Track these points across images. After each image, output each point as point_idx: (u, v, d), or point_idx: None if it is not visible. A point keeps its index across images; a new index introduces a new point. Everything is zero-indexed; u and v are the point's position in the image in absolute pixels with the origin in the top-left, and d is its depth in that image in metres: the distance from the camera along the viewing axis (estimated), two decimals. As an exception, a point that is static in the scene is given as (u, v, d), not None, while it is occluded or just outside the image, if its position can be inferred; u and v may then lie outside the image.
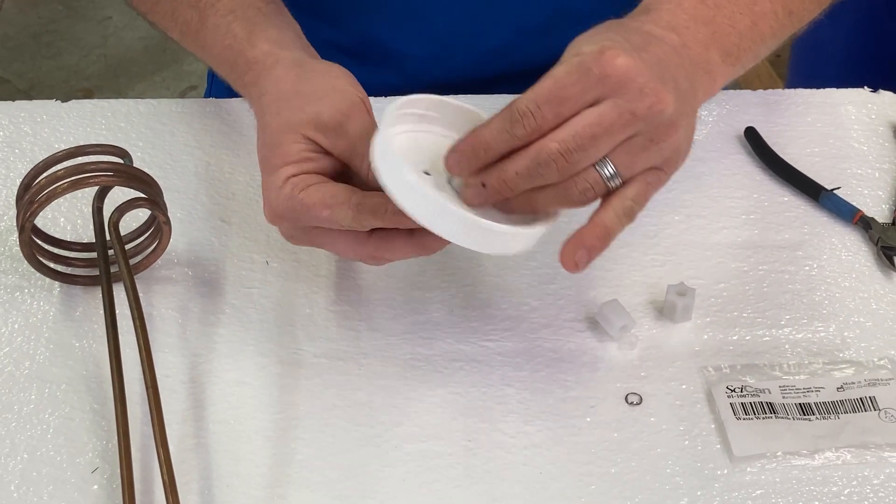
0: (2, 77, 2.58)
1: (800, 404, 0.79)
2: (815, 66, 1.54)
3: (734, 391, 0.80)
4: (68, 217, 0.91)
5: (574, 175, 0.72)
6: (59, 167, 0.82)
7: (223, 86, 1.12)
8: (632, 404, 0.80)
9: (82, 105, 1.01)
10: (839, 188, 0.94)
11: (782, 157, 0.96)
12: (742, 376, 0.81)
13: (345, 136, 0.77)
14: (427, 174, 0.75)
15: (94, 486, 0.75)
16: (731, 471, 0.76)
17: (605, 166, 0.72)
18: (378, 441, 0.78)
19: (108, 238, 0.85)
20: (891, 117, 1.00)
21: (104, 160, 0.83)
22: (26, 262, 0.84)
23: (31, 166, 0.84)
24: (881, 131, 0.99)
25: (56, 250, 0.87)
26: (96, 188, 0.88)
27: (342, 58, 0.85)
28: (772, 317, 0.85)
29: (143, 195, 0.83)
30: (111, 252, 0.85)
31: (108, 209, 0.86)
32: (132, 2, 0.97)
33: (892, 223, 0.91)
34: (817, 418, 0.78)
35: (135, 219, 0.86)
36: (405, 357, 0.82)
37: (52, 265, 0.86)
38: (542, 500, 0.75)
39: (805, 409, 0.79)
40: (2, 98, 1.03)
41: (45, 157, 0.84)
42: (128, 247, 0.86)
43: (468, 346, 0.83)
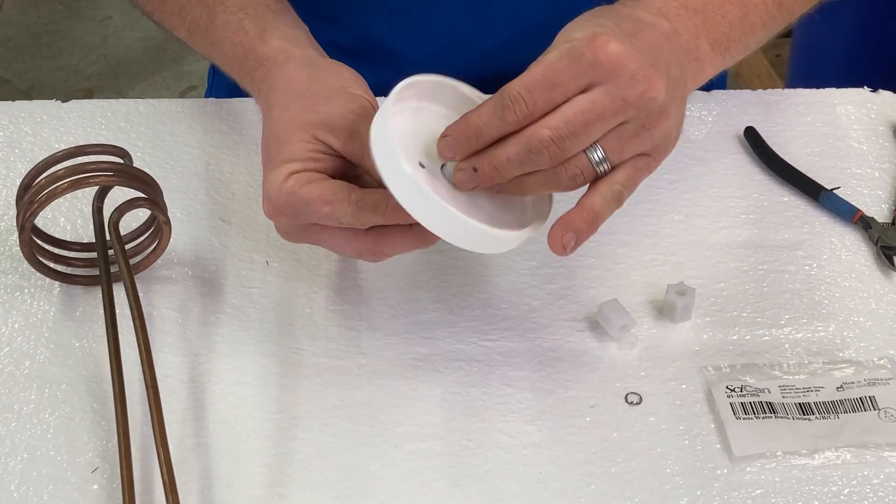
0: (2, 77, 2.58)
1: (799, 404, 0.79)
2: (815, 65, 1.54)
3: (734, 391, 0.80)
4: (68, 217, 0.91)
5: (565, 161, 0.72)
6: (59, 167, 0.82)
7: (223, 86, 1.13)
8: (632, 404, 0.80)
9: (82, 105, 1.01)
10: (839, 188, 0.94)
11: (782, 156, 0.96)
12: (742, 376, 0.81)
13: (357, 138, 0.77)
14: (422, 166, 0.75)
15: (94, 486, 0.75)
16: (731, 470, 0.76)
17: (595, 151, 0.72)
18: (378, 441, 0.78)
19: (108, 238, 0.85)
20: (890, 117, 1.00)
21: (104, 160, 0.83)
22: (26, 261, 0.84)
23: (31, 166, 0.84)
24: (881, 131, 0.99)
25: (56, 250, 0.87)
26: (96, 188, 0.88)
27: (342, 57, 0.85)
28: (771, 316, 0.85)
29: (143, 195, 0.83)
30: (111, 252, 0.85)
31: (108, 209, 0.86)
32: (137, 0, 0.97)
33: (892, 223, 0.91)
34: (817, 418, 0.78)
35: (135, 219, 0.86)
36: (405, 357, 0.82)
37: (52, 265, 0.86)
38: (541, 500, 0.75)
39: (805, 409, 0.79)
40: (2, 98, 1.03)
41: (45, 157, 0.84)
42: (128, 247, 0.86)
43: (468, 346, 0.83)
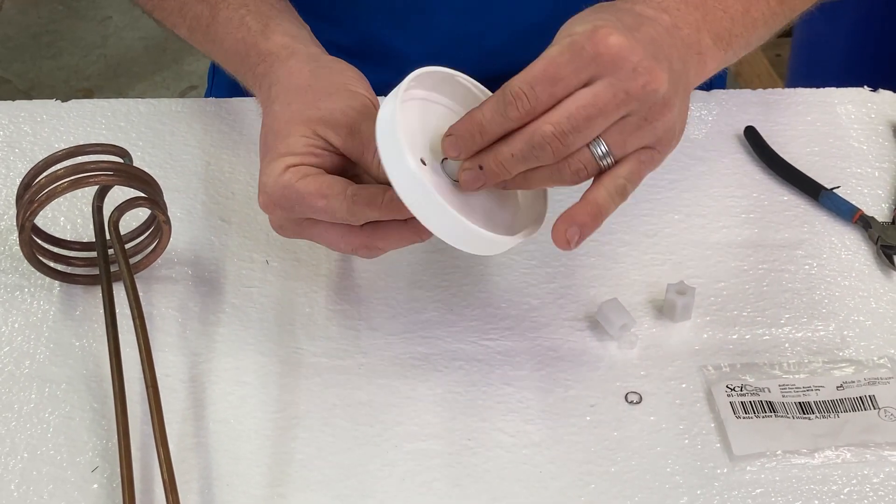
0: (2, 77, 2.58)
1: (799, 403, 0.79)
2: (815, 65, 1.54)
3: (734, 390, 0.80)
4: (68, 216, 0.91)
5: (568, 156, 0.72)
6: (58, 166, 0.82)
7: (223, 85, 1.13)
8: (632, 403, 0.80)
9: (82, 105, 1.01)
10: (839, 187, 0.94)
11: (782, 156, 0.96)
12: (742, 375, 0.81)
13: (357, 136, 0.77)
14: (423, 162, 0.75)
15: (94, 485, 0.75)
16: (731, 469, 0.76)
17: (598, 146, 0.72)
18: (378, 440, 0.78)
19: (108, 237, 0.85)
20: (890, 116, 1.00)
21: (104, 159, 0.83)
22: (26, 261, 0.84)
23: (31, 166, 0.84)
24: (881, 130, 0.99)
25: (56, 249, 0.87)
26: (96, 187, 0.88)
27: (342, 57, 0.85)
28: (771, 316, 0.85)
29: (143, 194, 0.83)
30: (111, 251, 0.85)
31: (108, 208, 0.86)
32: None
33: (892, 222, 0.91)
34: (817, 417, 0.78)
35: (135, 218, 0.86)
36: (405, 356, 0.82)
37: (52, 264, 0.86)
38: (542, 499, 0.75)
39: (805, 408, 0.79)
40: (2, 98, 1.03)
41: (45, 156, 0.84)
42: (128, 246, 0.86)
43: (468, 345, 0.83)
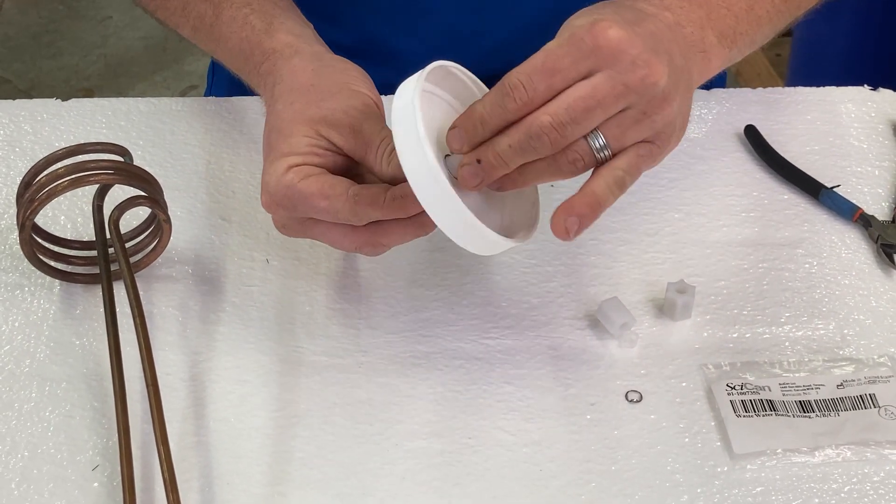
0: (2, 77, 2.58)
1: (800, 402, 0.79)
2: (815, 64, 1.54)
3: (734, 388, 0.80)
4: (69, 215, 0.91)
5: (566, 147, 0.72)
6: (59, 165, 0.83)
7: (223, 85, 1.13)
8: (632, 402, 0.80)
9: (82, 104, 1.01)
10: (839, 186, 0.94)
11: (782, 154, 0.96)
12: (742, 374, 0.81)
13: (360, 136, 0.77)
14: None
15: (95, 484, 0.75)
16: (732, 468, 0.76)
17: (596, 138, 0.72)
18: (378, 439, 0.78)
19: (108, 236, 0.85)
20: (890, 115, 1.00)
21: (104, 158, 0.83)
22: (27, 260, 0.84)
23: (32, 164, 0.84)
24: (881, 129, 0.99)
25: (56, 248, 0.87)
26: (96, 186, 0.88)
27: (342, 56, 0.85)
28: (772, 314, 0.85)
29: (143, 193, 0.83)
30: (111, 250, 0.85)
31: (108, 207, 0.86)
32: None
33: (892, 221, 0.91)
34: (817, 415, 0.78)
35: (135, 217, 0.86)
36: (405, 355, 0.82)
37: (52, 263, 0.86)
38: (542, 498, 0.75)
39: (805, 407, 0.79)
40: (2, 98, 1.03)
41: (45, 155, 0.84)
42: (128, 245, 0.86)
43: (468, 344, 0.83)
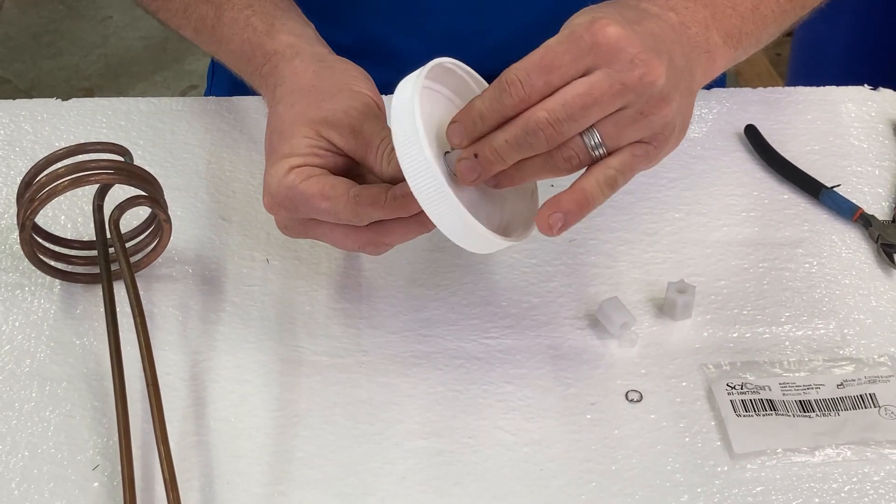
0: (2, 77, 2.58)
1: (800, 401, 0.79)
2: (815, 64, 1.54)
3: (734, 388, 0.80)
4: (69, 215, 0.91)
5: (561, 144, 0.72)
6: (59, 165, 0.83)
7: (223, 85, 1.13)
8: (632, 401, 0.80)
9: (83, 103, 1.01)
10: (839, 185, 0.94)
11: (782, 154, 0.96)
12: (742, 373, 0.81)
13: (360, 137, 0.77)
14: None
15: (95, 484, 0.75)
16: (732, 468, 0.76)
17: (592, 136, 0.72)
18: (378, 438, 0.78)
19: (108, 236, 0.85)
20: (890, 115, 1.00)
21: (105, 158, 0.83)
22: (27, 260, 0.84)
23: (32, 164, 0.84)
24: (881, 129, 0.99)
25: (57, 248, 0.87)
26: (97, 186, 0.88)
27: (343, 56, 0.85)
28: (772, 314, 0.85)
29: (143, 193, 0.83)
30: (112, 250, 0.85)
31: (108, 207, 0.86)
32: (141, 0, 0.97)
33: (892, 220, 0.91)
34: (817, 415, 0.78)
35: (135, 217, 0.86)
36: (405, 354, 0.82)
37: (52, 263, 0.86)
38: (542, 497, 0.75)
39: (805, 406, 0.79)
40: (2, 98, 1.03)
41: (45, 155, 0.84)
42: (128, 245, 0.86)
43: (468, 344, 0.83)
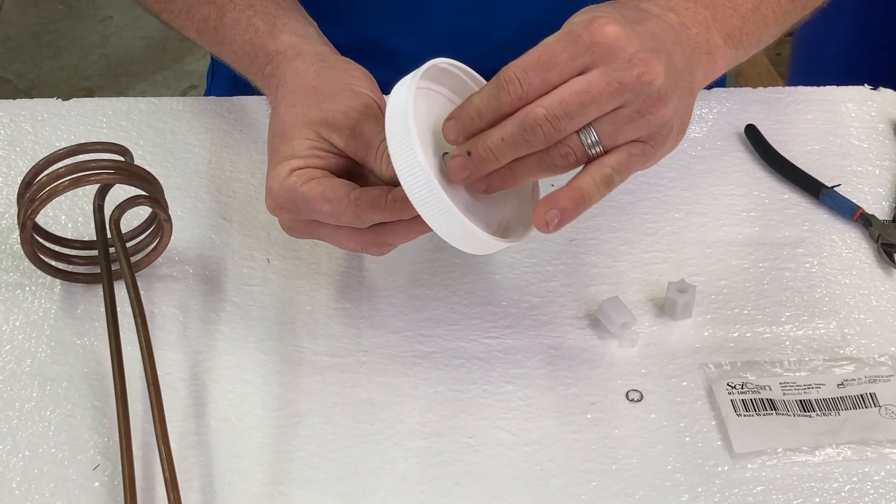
0: (3, 77, 2.58)
1: (800, 401, 0.79)
2: (815, 63, 1.54)
3: (735, 388, 0.80)
4: (69, 215, 0.91)
5: (558, 141, 0.72)
6: (59, 165, 0.83)
7: (223, 86, 1.13)
8: (632, 401, 0.80)
9: (83, 103, 1.01)
10: (839, 185, 0.94)
11: (783, 154, 0.96)
12: (743, 373, 0.81)
13: (360, 137, 0.77)
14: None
15: (96, 484, 0.75)
16: (732, 467, 0.76)
17: (588, 134, 0.72)
18: (379, 438, 0.78)
19: (109, 236, 0.85)
20: (891, 115, 1.01)
21: (105, 158, 0.83)
22: (27, 259, 0.84)
23: (32, 164, 0.84)
24: (881, 129, 0.99)
25: (57, 248, 0.87)
26: (97, 186, 0.88)
27: (343, 56, 0.85)
28: (772, 314, 0.85)
29: (144, 193, 0.83)
30: (112, 250, 0.85)
31: (109, 207, 0.86)
32: (144, 1, 0.96)
33: (893, 220, 0.91)
34: (818, 415, 0.78)
35: (136, 216, 0.86)
36: (406, 354, 0.82)
37: (53, 263, 0.86)
38: (542, 497, 0.75)
39: (805, 406, 0.79)
40: (3, 98, 1.03)
41: (46, 154, 0.84)
42: (129, 244, 0.86)
43: (469, 344, 0.83)
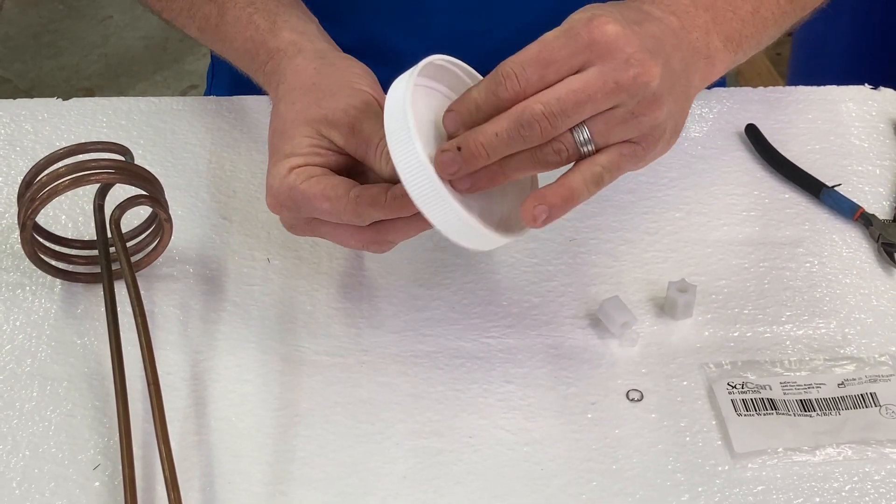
0: (3, 77, 2.58)
1: (801, 400, 0.79)
2: (816, 63, 1.54)
3: (735, 387, 0.80)
4: (70, 214, 0.91)
5: (551, 138, 0.72)
6: (60, 165, 0.83)
7: (223, 86, 1.13)
8: (633, 401, 0.80)
9: (83, 103, 1.01)
10: (840, 185, 0.94)
11: (783, 154, 0.96)
12: (743, 373, 0.81)
13: (359, 135, 0.77)
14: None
15: (96, 483, 0.75)
16: (732, 467, 0.76)
17: (581, 132, 0.72)
18: (379, 438, 0.78)
19: (109, 235, 0.85)
20: (891, 114, 1.00)
21: (105, 157, 0.83)
22: (28, 259, 0.84)
23: (33, 164, 0.84)
24: (881, 128, 0.99)
25: (57, 248, 0.87)
26: (97, 186, 0.88)
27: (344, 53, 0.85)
28: (773, 313, 0.85)
29: (144, 192, 0.83)
30: (112, 249, 0.85)
31: (109, 207, 0.86)
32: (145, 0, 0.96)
33: (893, 220, 0.91)
34: (818, 414, 0.78)
35: (136, 216, 0.86)
36: (406, 354, 0.82)
37: (53, 262, 0.86)
38: (543, 497, 0.75)
39: (806, 406, 0.79)
40: (3, 98, 1.03)
41: (46, 154, 0.84)
42: (129, 244, 0.86)
43: (469, 343, 0.83)
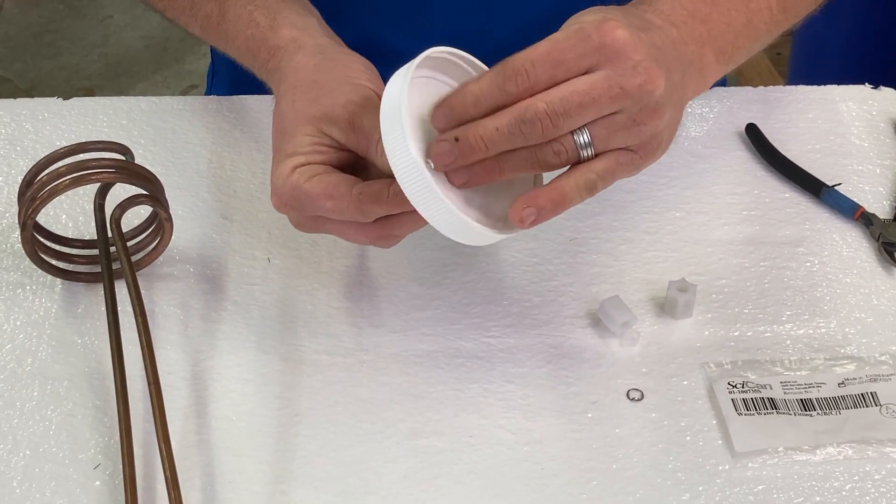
0: (3, 77, 2.58)
1: (801, 400, 0.79)
2: (816, 62, 1.54)
3: (735, 387, 0.80)
4: (70, 214, 0.91)
5: (552, 139, 0.71)
6: (60, 164, 0.83)
7: (223, 85, 1.13)
8: (633, 400, 0.80)
9: (84, 102, 1.01)
10: (840, 184, 0.94)
11: (783, 153, 0.96)
12: (743, 372, 0.81)
13: (359, 130, 0.77)
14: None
15: (97, 483, 0.75)
16: (733, 466, 0.76)
17: (582, 135, 0.72)
18: (380, 437, 0.78)
19: (109, 235, 0.85)
20: (891, 114, 1.00)
21: (106, 157, 0.83)
22: (28, 259, 0.84)
23: (33, 163, 0.84)
24: (882, 128, 0.99)
25: (58, 247, 0.87)
26: (98, 185, 0.88)
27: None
28: (773, 313, 0.85)
29: (144, 192, 0.83)
30: (113, 249, 0.85)
31: (109, 206, 0.86)
32: None
33: (893, 219, 0.91)
34: (818, 414, 0.78)
35: (136, 216, 0.86)
36: (407, 353, 0.82)
37: (54, 262, 0.86)
38: (543, 496, 0.75)
39: (806, 405, 0.79)
40: (3, 98, 1.03)
41: (46, 154, 0.84)
42: (129, 244, 0.86)
43: (469, 343, 0.83)
